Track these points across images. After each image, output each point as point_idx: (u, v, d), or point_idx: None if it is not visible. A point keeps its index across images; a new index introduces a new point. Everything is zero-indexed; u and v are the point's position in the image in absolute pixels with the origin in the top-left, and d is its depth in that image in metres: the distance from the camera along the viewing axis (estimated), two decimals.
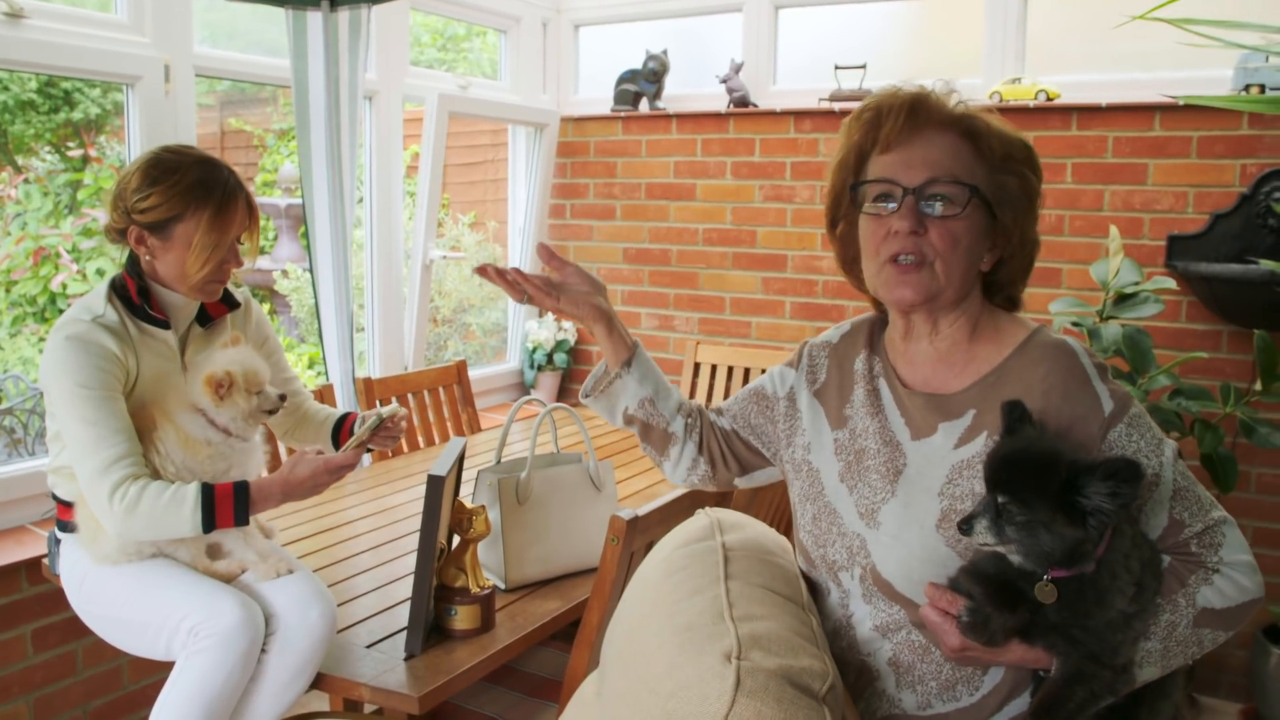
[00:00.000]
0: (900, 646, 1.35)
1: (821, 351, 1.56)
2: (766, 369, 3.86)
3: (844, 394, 1.50)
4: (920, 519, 1.33)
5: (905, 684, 1.34)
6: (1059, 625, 1.21)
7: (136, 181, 1.90)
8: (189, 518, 1.78)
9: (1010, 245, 1.40)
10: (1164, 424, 2.87)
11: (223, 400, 1.86)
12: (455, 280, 4.95)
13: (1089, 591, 1.20)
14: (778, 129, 3.84)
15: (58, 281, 4.46)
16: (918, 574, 1.31)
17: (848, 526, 1.41)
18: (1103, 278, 2.95)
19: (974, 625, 1.22)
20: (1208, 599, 1.27)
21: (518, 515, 2.14)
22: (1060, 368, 1.31)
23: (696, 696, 1.10)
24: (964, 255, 1.36)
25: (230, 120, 5.55)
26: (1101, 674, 1.22)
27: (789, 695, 1.10)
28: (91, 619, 1.96)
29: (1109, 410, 1.28)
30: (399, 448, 3.26)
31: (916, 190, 1.34)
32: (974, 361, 1.39)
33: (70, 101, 4.67)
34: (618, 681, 1.33)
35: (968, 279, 1.38)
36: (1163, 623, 1.26)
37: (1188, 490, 1.30)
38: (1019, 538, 1.17)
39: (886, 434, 1.42)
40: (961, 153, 1.36)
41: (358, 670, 1.78)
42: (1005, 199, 1.37)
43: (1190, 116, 3.16)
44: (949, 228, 1.34)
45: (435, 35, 5.51)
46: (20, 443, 3.94)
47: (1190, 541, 1.29)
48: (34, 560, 2.44)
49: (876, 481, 1.40)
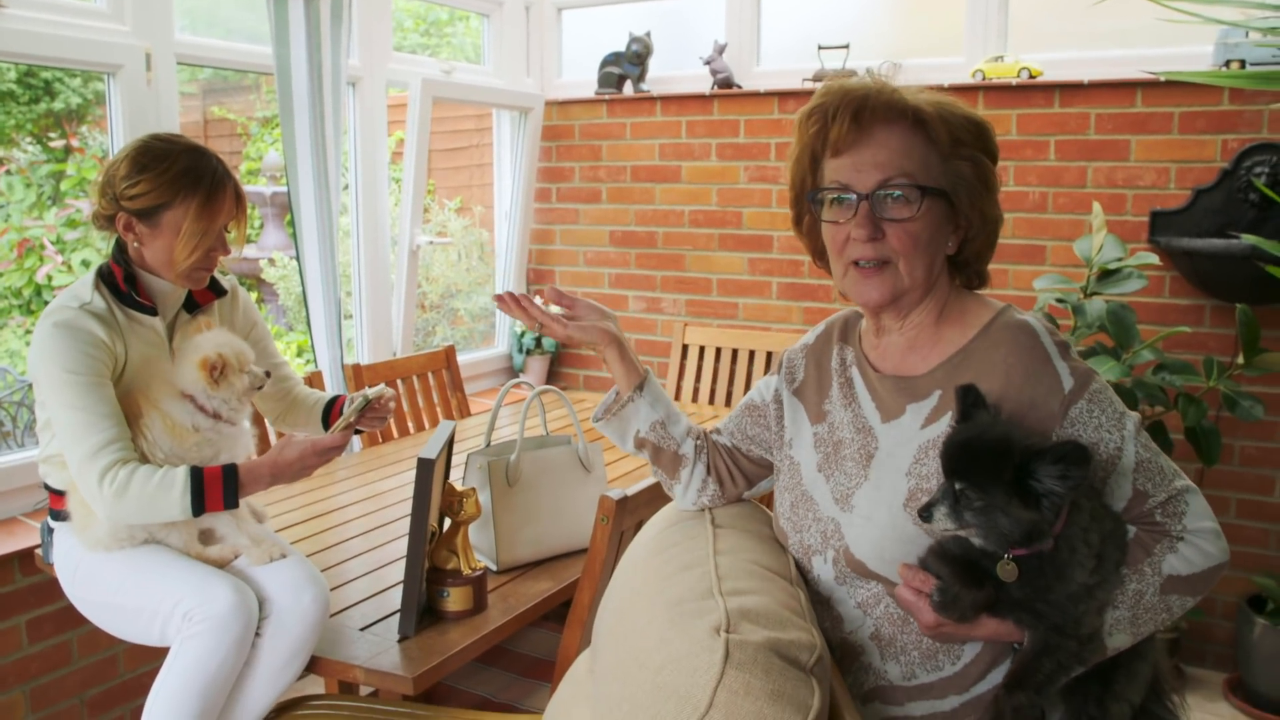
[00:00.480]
0: (880, 620, 1.37)
1: (799, 354, 1.60)
2: (754, 350, 3.89)
3: (822, 390, 1.53)
4: (889, 499, 1.36)
5: (889, 656, 1.37)
6: (1022, 601, 1.25)
7: (125, 169, 1.91)
8: (178, 501, 1.79)
9: (972, 227, 1.41)
10: (1148, 398, 2.90)
11: (217, 383, 1.87)
12: (442, 266, 4.95)
13: (1048, 568, 1.23)
14: (762, 110, 3.85)
15: (43, 273, 4.45)
16: (889, 553, 1.34)
17: (823, 512, 1.44)
18: (1086, 254, 2.98)
19: (944, 604, 1.26)
20: (1173, 566, 1.30)
21: (508, 497, 2.15)
22: (1021, 347, 1.33)
23: (686, 669, 1.12)
24: (925, 251, 1.38)
25: (213, 108, 5.52)
26: (1066, 644, 1.25)
27: (777, 666, 1.12)
28: (86, 606, 1.97)
29: (1069, 388, 1.30)
30: (388, 432, 3.27)
31: (870, 196, 1.36)
32: (940, 344, 1.42)
33: (51, 92, 4.64)
34: (609, 657, 1.35)
35: (932, 271, 1.40)
36: (1130, 591, 1.29)
37: (1150, 462, 1.32)
38: (977, 522, 1.21)
39: (859, 421, 1.45)
40: (912, 147, 1.36)
41: (352, 653, 1.80)
42: (960, 185, 1.38)
43: (1171, 92, 3.18)
44: (906, 229, 1.36)
45: (418, 20, 5.48)
46: (9, 435, 3.93)
47: (1154, 511, 1.32)
48: (27, 551, 2.45)
49: (851, 468, 1.43)
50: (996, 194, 1.43)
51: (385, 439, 3.24)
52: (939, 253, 1.40)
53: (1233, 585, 3.24)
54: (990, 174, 1.41)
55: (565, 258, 4.40)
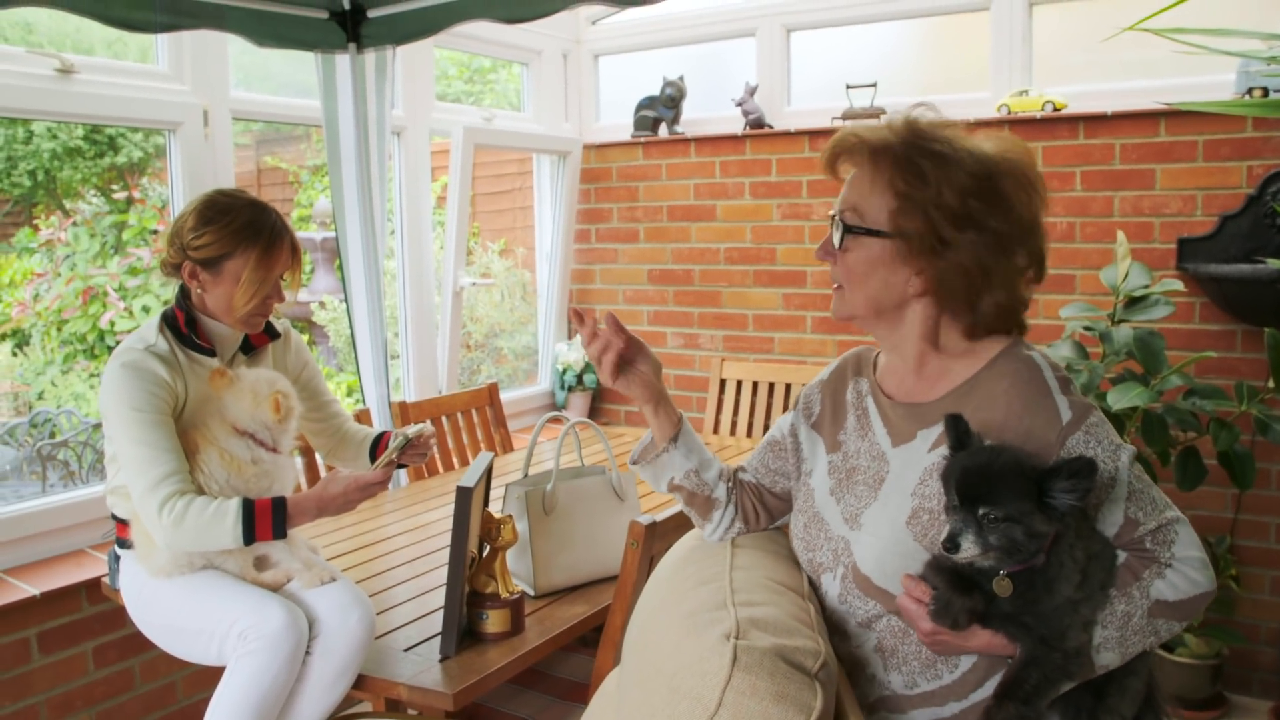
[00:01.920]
0: (883, 634, 1.46)
1: (815, 390, 1.70)
2: (790, 384, 3.96)
3: (838, 422, 1.62)
4: (893, 517, 1.45)
5: (891, 666, 1.45)
6: (1012, 614, 1.32)
7: (193, 221, 2.08)
8: (230, 530, 1.92)
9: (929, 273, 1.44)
10: (1179, 423, 2.93)
11: (284, 419, 2.03)
12: (486, 306, 5.10)
13: (1039, 581, 1.31)
14: (793, 149, 3.96)
15: (106, 319, 4.66)
16: (890, 567, 1.42)
17: (833, 531, 1.53)
18: (1113, 282, 3.03)
19: (938, 611, 1.33)
20: (1160, 591, 1.36)
21: (544, 525, 2.26)
22: (1022, 380, 1.41)
23: (697, 672, 1.22)
24: (861, 282, 1.48)
25: (266, 158, 5.76)
26: (1052, 656, 1.32)
27: (782, 670, 1.21)
28: (149, 629, 2.11)
29: (1067, 419, 1.37)
30: (433, 467, 3.39)
31: (831, 219, 1.51)
32: (948, 374, 1.50)
33: (114, 146, 4.89)
34: (631, 668, 1.45)
35: (880, 302, 1.48)
36: (1119, 613, 1.36)
37: (1142, 492, 1.39)
38: (1002, 545, 1.28)
39: (874, 449, 1.54)
40: (872, 188, 1.46)
41: (396, 671, 1.91)
42: (901, 231, 1.43)
43: (1195, 121, 3.24)
44: (843, 258, 1.49)
45: (462, 68, 5.68)
46: (75, 474, 4.12)
47: (1144, 539, 1.38)
48: (93, 581, 2.60)
49: (863, 492, 1.52)
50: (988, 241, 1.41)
51: (430, 473, 3.36)
52: (889, 288, 1.47)
53: (1277, 611, 3.24)
54: (946, 230, 1.40)
55: (605, 296, 4.52)
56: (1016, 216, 1.43)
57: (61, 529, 2.75)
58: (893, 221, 1.44)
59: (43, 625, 2.58)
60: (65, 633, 2.62)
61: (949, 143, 1.44)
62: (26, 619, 2.54)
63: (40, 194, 4.86)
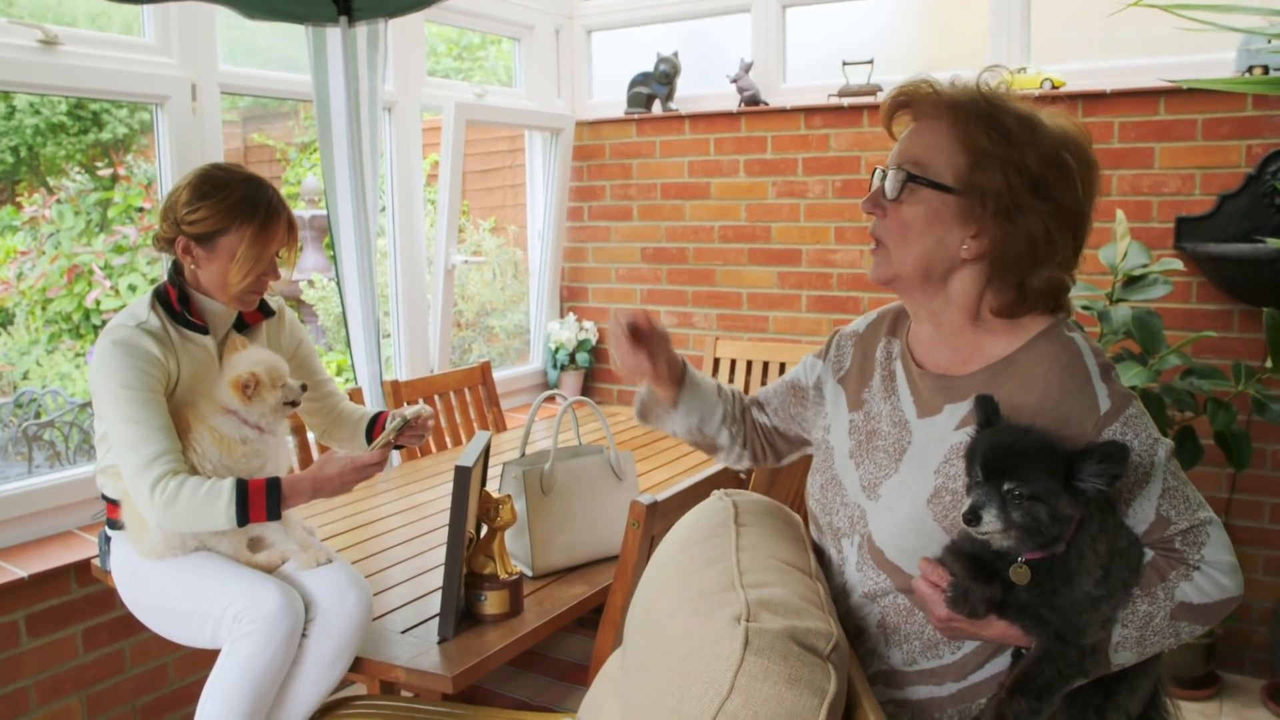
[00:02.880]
0: (887, 609, 1.44)
1: (849, 340, 1.66)
2: (785, 362, 3.94)
3: (864, 379, 1.59)
4: (914, 493, 1.42)
5: (893, 642, 1.44)
6: (1029, 605, 1.30)
7: (187, 195, 2.03)
8: (224, 511, 1.89)
9: (989, 237, 1.40)
10: (1176, 403, 2.93)
11: (251, 399, 1.97)
12: (478, 284, 5.06)
13: (1058, 572, 1.28)
14: (788, 126, 3.93)
15: (92, 298, 4.60)
16: (906, 543, 1.40)
17: (850, 497, 1.51)
18: (1111, 261, 3.02)
19: (955, 599, 1.31)
20: (1186, 594, 1.33)
21: (542, 505, 2.23)
22: (1062, 364, 1.36)
23: (709, 655, 1.19)
24: (915, 240, 1.42)
25: (254, 135, 5.68)
26: (1068, 653, 1.29)
27: (794, 653, 1.19)
28: (141, 611, 2.07)
29: (1105, 409, 1.33)
30: (427, 447, 3.36)
31: (884, 174, 1.44)
32: (984, 350, 1.45)
33: (99, 122, 4.82)
34: (637, 650, 1.43)
35: (928, 264, 1.42)
36: (1140, 613, 1.33)
37: (1177, 490, 1.35)
38: (1024, 523, 1.24)
39: (897, 415, 1.51)
40: (940, 143, 1.40)
41: (394, 654, 1.89)
42: (974, 189, 1.38)
43: (1195, 100, 3.22)
44: (895, 211, 1.43)
45: (451, 45, 5.62)
46: (60, 455, 4.08)
47: (1174, 538, 1.35)
48: (83, 563, 2.57)
49: (883, 460, 1.49)
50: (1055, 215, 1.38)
51: (424, 453, 3.34)
52: (939, 250, 1.41)
53: (1269, 590, 3.25)
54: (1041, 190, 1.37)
55: (598, 275, 4.49)
56: (1079, 197, 1.40)
57: (49, 510, 2.71)
58: (964, 178, 1.39)
59: (31, 608, 2.54)
60: (54, 615, 2.59)
61: (1028, 109, 1.42)
62: (14, 602, 2.51)
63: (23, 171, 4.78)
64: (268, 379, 2.00)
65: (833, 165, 3.86)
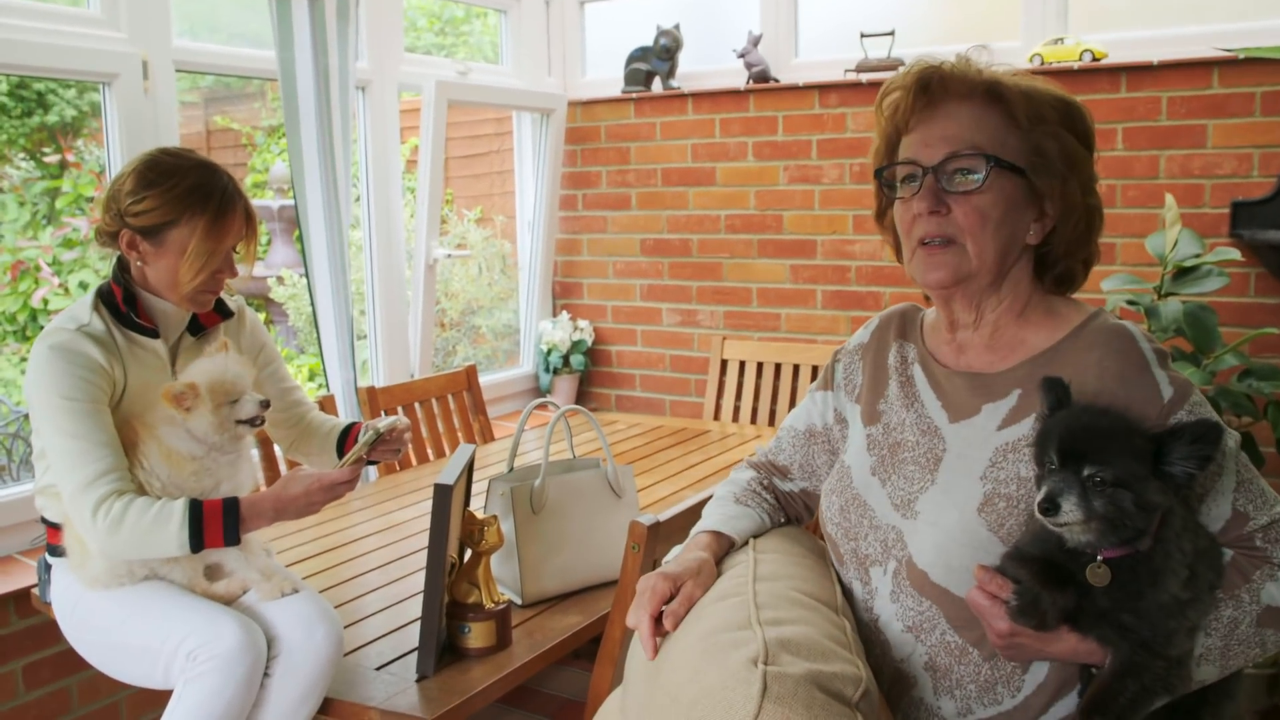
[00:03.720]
0: (935, 649, 1.38)
1: (854, 356, 1.64)
2: (798, 364, 3.90)
3: (878, 390, 1.56)
4: (960, 504, 1.37)
5: (943, 690, 1.38)
6: (1108, 612, 1.24)
7: (131, 184, 1.97)
8: (175, 535, 1.83)
9: (1057, 213, 1.42)
10: (1233, 407, 2.87)
11: (189, 412, 1.91)
12: (462, 280, 5.02)
13: (1143, 571, 1.23)
14: (801, 104, 3.88)
15: (38, 296, 4.56)
16: (956, 560, 1.35)
17: (881, 519, 1.46)
18: (1159, 251, 2.97)
19: (1023, 608, 1.25)
20: (1273, 596, 1.30)
21: (533, 526, 2.18)
22: (1116, 351, 1.35)
23: (721, 704, 1.14)
24: (995, 230, 1.40)
25: (216, 118, 5.64)
26: (1154, 665, 1.24)
27: (819, 701, 1.13)
28: (85, 647, 2.01)
29: (1169, 397, 1.31)
30: (407, 460, 3.31)
31: (935, 168, 1.40)
32: (1024, 344, 1.44)
33: (44, 104, 4.77)
34: (640, 693, 1.37)
35: (1005, 255, 1.42)
36: (1224, 618, 1.29)
37: (1252, 483, 1.33)
38: (1108, 512, 1.20)
39: (924, 423, 1.47)
40: (985, 121, 1.40)
41: (367, 694, 1.83)
42: (1041, 164, 1.40)
43: (1252, 71, 3.17)
44: (972, 203, 1.39)
45: (432, 19, 5.58)
46: (4, 470, 4.03)
47: (1255, 535, 1.32)
48: (23, 592, 2.51)
49: (914, 473, 1.45)
50: (1089, 179, 1.44)
51: (403, 466, 3.29)
52: (1015, 238, 1.42)
53: None
54: (1077, 155, 1.42)
55: (593, 269, 4.44)
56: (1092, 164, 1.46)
57: None
58: (1024, 157, 1.40)
59: None
60: None
61: (1030, 82, 1.44)
62: None
63: None
64: (207, 392, 1.91)
65: (850, 147, 3.82)
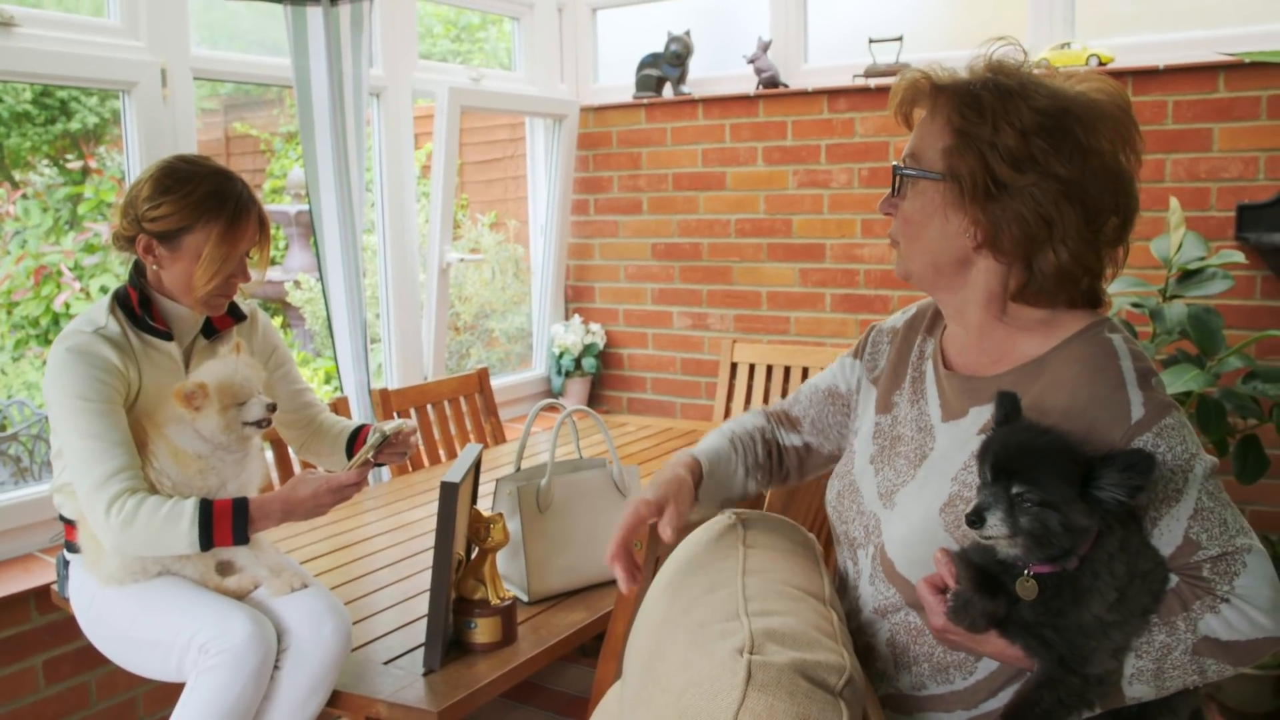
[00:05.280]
0: (896, 628, 1.44)
1: (885, 337, 1.66)
2: (807, 367, 3.91)
3: (896, 381, 1.59)
4: (928, 501, 1.41)
5: (901, 664, 1.43)
6: (1032, 624, 1.26)
7: (149, 190, 2.02)
8: (185, 534, 1.88)
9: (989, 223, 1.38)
10: (1238, 409, 2.87)
11: (198, 411, 1.95)
12: (475, 284, 5.06)
13: (1067, 590, 1.24)
14: (811, 110, 3.90)
15: (60, 301, 4.62)
16: (915, 553, 1.39)
17: (865, 505, 1.52)
18: (1164, 254, 2.97)
19: (956, 610, 1.29)
20: (1211, 628, 1.29)
21: (539, 524, 2.21)
22: (1094, 367, 1.35)
23: (708, 692, 1.17)
24: (917, 234, 1.45)
25: (235, 125, 5.70)
26: (1070, 680, 1.26)
27: (802, 689, 1.16)
28: (101, 641, 2.06)
29: (1137, 418, 1.30)
30: (417, 460, 3.35)
31: (897, 172, 1.47)
32: (1016, 350, 1.45)
33: (67, 111, 4.84)
34: (635, 684, 1.40)
35: (934, 257, 1.45)
36: (1157, 643, 1.29)
37: (1212, 512, 1.31)
38: (1032, 528, 1.21)
39: (922, 419, 1.51)
40: (929, 130, 1.43)
41: (375, 687, 1.87)
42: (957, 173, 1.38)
43: (1258, 75, 3.17)
44: (900, 208, 1.47)
45: (448, 25, 5.62)
46: (26, 471, 4.09)
47: (1203, 565, 1.31)
48: (43, 588, 2.56)
49: (902, 466, 1.49)
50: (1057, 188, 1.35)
51: (415, 467, 3.33)
52: (945, 242, 1.43)
53: None
54: (1003, 171, 1.35)
55: (605, 273, 4.47)
56: (1092, 163, 1.36)
57: (8, 531, 2.70)
58: (946, 162, 1.40)
59: None
60: (12, 645, 2.58)
61: (1021, 77, 1.40)
62: None
63: None
64: (216, 393, 1.95)
65: (859, 152, 3.84)
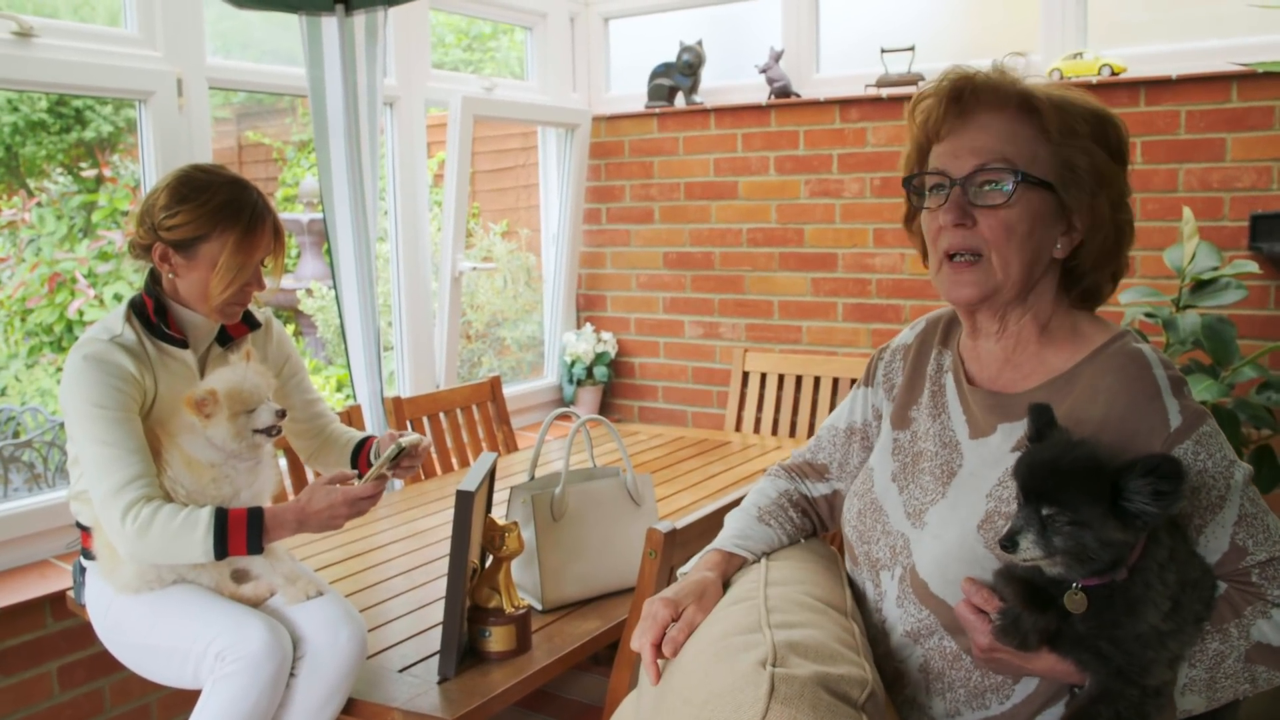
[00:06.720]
0: (931, 653, 1.40)
1: (896, 356, 1.63)
2: (819, 376, 3.89)
3: (913, 395, 1.56)
4: (964, 519, 1.38)
5: (935, 691, 1.39)
6: (1086, 637, 1.24)
7: (165, 199, 2.02)
8: (200, 542, 1.87)
9: (1085, 228, 1.41)
10: (1251, 419, 2.86)
11: (208, 419, 1.94)
12: (488, 293, 5.05)
13: (1119, 601, 1.23)
14: (823, 119, 3.90)
15: (74, 308, 4.62)
16: (953, 573, 1.36)
17: (893, 525, 1.48)
18: (1177, 264, 2.96)
19: (1005, 628, 1.26)
20: (1264, 633, 1.28)
21: (553, 533, 2.20)
22: (1129, 377, 1.33)
23: (730, 704, 1.16)
24: (1021, 245, 1.38)
25: (248, 133, 5.71)
26: (1129, 693, 1.24)
27: (825, 702, 1.15)
28: (117, 648, 2.06)
29: (1175, 426, 1.30)
30: (431, 470, 3.34)
31: (963, 180, 1.39)
32: (1044, 364, 1.43)
33: (82, 120, 4.85)
34: (653, 695, 1.39)
35: (1032, 270, 1.40)
36: (1210, 651, 1.28)
37: (1256, 518, 1.31)
38: (1067, 548, 1.20)
39: (946, 435, 1.48)
40: (1017, 134, 1.38)
41: (390, 695, 1.86)
42: (1070, 179, 1.38)
43: (1271, 85, 3.16)
44: (999, 217, 1.37)
45: (460, 35, 5.63)
46: (40, 478, 4.09)
47: (1252, 571, 1.30)
48: (58, 595, 2.56)
49: (929, 483, 1.46)
50: (1120, 194, 1.42)
51: (428, 475, 3.32)
52: (1041, 252, 1.40)
53: None
54: (1108, 169, 1.40)
55: (617, 282, 4.47)
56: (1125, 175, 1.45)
57: (24, 537, 2.70)
58: (1054, 170, 1.39)
59: (2, 644, 2.53)
60: (27, 651, 2.58)
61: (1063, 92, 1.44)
62: None
63: (1, 172, 4.82)
64: (226, 400, 1.94)
65: (870, 161, 3.83)
